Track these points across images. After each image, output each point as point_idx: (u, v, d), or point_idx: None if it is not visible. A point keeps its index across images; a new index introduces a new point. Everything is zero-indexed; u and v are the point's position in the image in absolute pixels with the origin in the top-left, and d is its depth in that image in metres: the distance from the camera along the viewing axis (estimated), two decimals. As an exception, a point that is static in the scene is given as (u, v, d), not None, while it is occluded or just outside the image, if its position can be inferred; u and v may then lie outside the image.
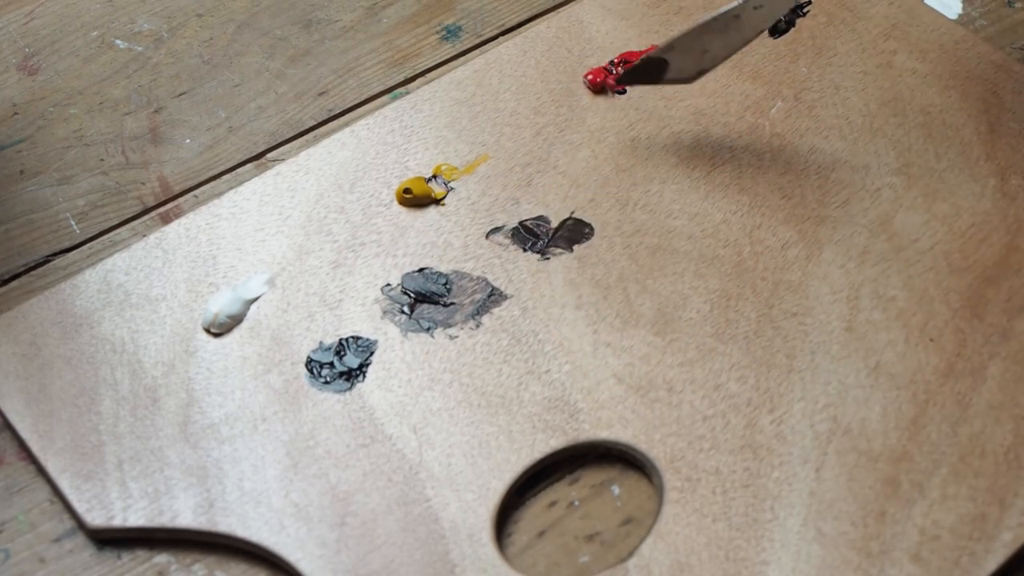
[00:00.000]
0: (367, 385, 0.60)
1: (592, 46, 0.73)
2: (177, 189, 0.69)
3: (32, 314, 0.62)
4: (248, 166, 0.70)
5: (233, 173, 0.69)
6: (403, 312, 0.62)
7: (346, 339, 0.61)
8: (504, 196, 0.67)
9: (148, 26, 0.75)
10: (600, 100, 0.71)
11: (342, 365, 0.61)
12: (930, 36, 0.73)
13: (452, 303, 0.63)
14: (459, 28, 0.76)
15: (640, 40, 0.73)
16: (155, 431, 0.59)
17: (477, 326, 0.62)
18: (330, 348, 0.61)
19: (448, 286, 0.63)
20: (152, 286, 0.63)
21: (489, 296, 0.63)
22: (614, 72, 0.71)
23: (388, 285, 0.63)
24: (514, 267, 0.64)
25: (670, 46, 0.66)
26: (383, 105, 0.71)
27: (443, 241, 0.65)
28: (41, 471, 0.58)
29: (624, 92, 0.71)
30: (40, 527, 0.57)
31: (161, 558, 0.57)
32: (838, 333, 0.62)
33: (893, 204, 0.66)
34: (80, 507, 0.57)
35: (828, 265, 0.64)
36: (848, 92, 0.71)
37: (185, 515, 0.56)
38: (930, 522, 0.56)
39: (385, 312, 0.62)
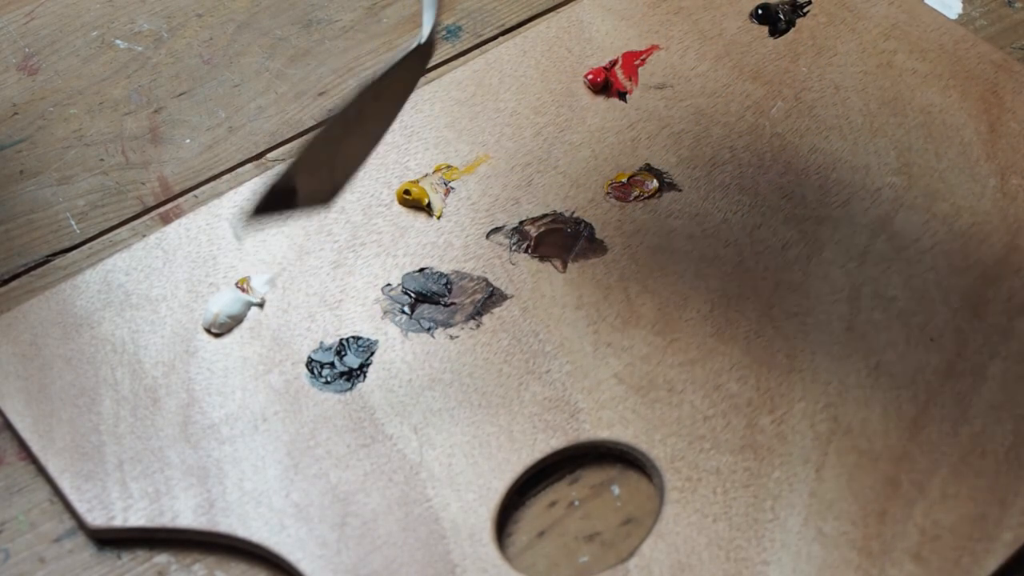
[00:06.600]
0: (368, 385, 0.60)
1: (592, 46, 0.73)
2: (177, 189, 0.69)
3: (32, 314, 0.62)
4: (248, 166, 0.70)
5: (233, 173, 0.69)
6: (404, 312, 0.62)
7: (347, 339, 0.61)
8: (504, 196, 0.67)
9: (148, 26, 0.75)
10: (600, 100, 0.71)
11: (343, 365, 0.60)
12: (930, 36, 0.73)
13: (452, 303, 0.63)
14: (459, 28, 0.76)
15: (640, 40, 0.73)
16: (155, 431, 0.59)
17: (477, 326, 0.62)
18: (331, 348, 0.61)
19: (448, 286, 0.63)
20: (152, 286, 0.63)
21: (489, 296, 0.63)
22: (611, 71, 0.71)
23: (388, 285, 0.63)
24: (514, 267, 0.64)
25: (293, 170, 0.54)
26: (383, 105, 0.71)
27: (443, 241, 0.65)
28: (41, 471, 0.58)
29: (625, 96, 0.71)
30: (40, 527, 0.57)
31: (161, 558, 0.57)
32: (839, 333, 0.62)
33: (893, 204, 0.66)
34: (80, 507, 0.57)
35: (828, 265, 0.64)
36: (848, 92, 0.71)
37: (185, 515, 0.56)
38: (931, 522, 0.56)
39: (386, 312, 0.62)
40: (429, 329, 0.62)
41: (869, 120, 0.70)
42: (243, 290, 0.63)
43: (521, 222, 0.66)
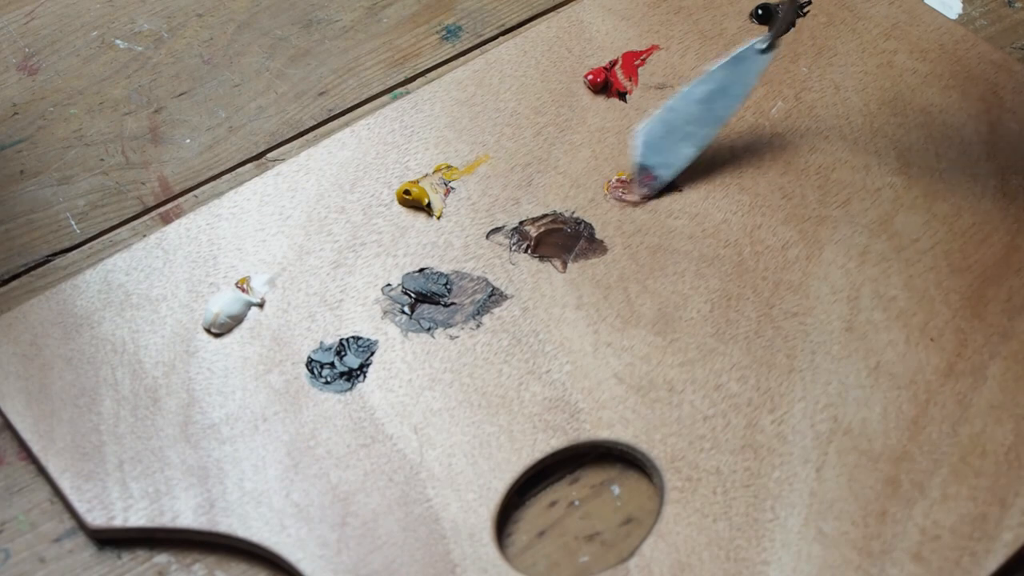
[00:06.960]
0: (368, 385, 0.60)
1: (592, 46, 0.73)
2: (177, 189, 0.69)
3: (32, 314, 0.62)
4: (248, 166, 0.70)
5: (233, 173, 0.69)
6: (404, 312, 0.62)
7: (347, 339, 0.61)
8: (504, 196, 0.67)
9: (148, 26, 0.75)
10: (600, 100, 0.71)
11: (343, 365, 0.60)
12: (930, 36, 0.73)
13: (452, 303, 0.63)
14: (459, 28, 0.76)
15: (640, 40, 0.73)
16: (156, 431, 0.59)
17: (478, 326, 0.62)
18: (331, 348, 0.61)
19: (448, 286, 0.63)
20: (152, 286, 0.63)
21: (489, 296, 0.63)
22: (611, 71, 0.71)
23: (389, 285, 0.63)
24: (514, 267, 0.64)
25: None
26: (383, 105, 0.71)
27: (443, 241, 0.65)
28: (42, 471, 0.58)
29: (625, 96, 0.71)
30: (40, 527, 0.57)
31: (161, 558, 0.57)
32: (838, 333, 0.62)
33: (893, 204, 0.66)
34: (81, 507, 0.57)
35: (828, 265, 0.64)
36: (848, 92, 0.71)
37: (186, 515, 0.56)
38: (931, 522, 0.56)
39: (386, 312, 0.62)
40: (429, 329, 0.62)
41: (869, 120, 0.70)
42: (243, 290, 0.63)
43: (521, 222, 0.66)
